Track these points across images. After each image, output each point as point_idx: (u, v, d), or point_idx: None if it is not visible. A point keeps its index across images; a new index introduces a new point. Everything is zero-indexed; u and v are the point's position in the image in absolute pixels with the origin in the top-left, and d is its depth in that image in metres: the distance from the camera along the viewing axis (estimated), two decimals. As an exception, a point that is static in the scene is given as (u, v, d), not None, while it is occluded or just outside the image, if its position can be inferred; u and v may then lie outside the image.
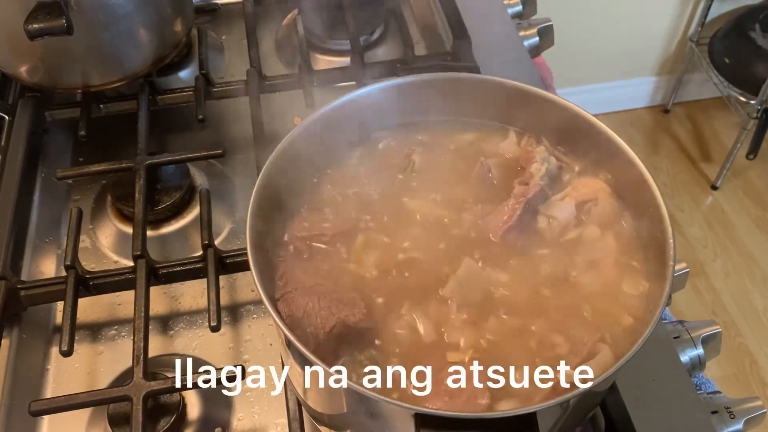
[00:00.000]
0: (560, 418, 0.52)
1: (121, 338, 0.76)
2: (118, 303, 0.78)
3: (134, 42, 0.86)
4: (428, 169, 0.65)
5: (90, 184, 0.88)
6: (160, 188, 0.84)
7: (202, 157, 0.83)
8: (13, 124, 0.87)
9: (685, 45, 2.50)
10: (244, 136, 0.89)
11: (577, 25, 2.24)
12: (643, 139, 2.63)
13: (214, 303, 0.69)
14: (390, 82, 0.65)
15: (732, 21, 2.37)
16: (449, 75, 0.67)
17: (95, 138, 0.87)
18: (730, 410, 0.69)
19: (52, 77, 0.86)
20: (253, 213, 0.55)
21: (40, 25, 0.73)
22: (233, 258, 0.74)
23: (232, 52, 1.04)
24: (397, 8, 1.01)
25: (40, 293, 0.73)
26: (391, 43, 1.04)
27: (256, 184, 0.56)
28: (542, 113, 0.65)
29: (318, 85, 0.90)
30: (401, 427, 0.49)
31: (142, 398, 0.63)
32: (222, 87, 0.93)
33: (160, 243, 0.83)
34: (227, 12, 1.07)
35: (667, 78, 2.63)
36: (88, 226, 0.84)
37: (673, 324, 0.75)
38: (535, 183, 0.61)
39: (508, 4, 1.08)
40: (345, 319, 0.53)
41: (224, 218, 0.85)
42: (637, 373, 0.67)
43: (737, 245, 2.31)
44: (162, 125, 0.92)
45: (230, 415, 0.70)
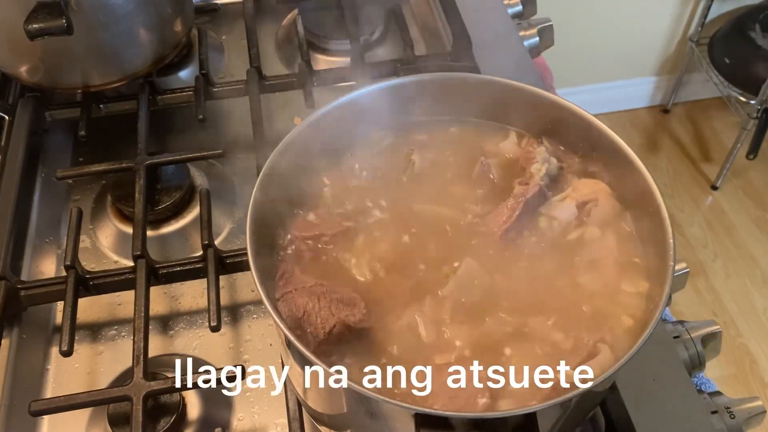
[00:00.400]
0: (560, 418, 0.52)
1: (121, 338, 0.76)
2: (118, 303, 0.78)
3: (134, 42, 0.86)
4: (428, 169, 0.65)
5: (90, 184, 0.88)
6: (160, 188, 0.84)
7: (202, 157, 0.83)
8: (13, 124, 0.87)
9: (685, 45, 2.50)
10: (244, 136, 0.89)
11: (577, 25, 2.24)
12: (643, 139, 2.63)
13: (214, 303, 0.69)
14: (390, 82, 0.65)
15: (732, 21, 2.37)
16: (449, 75, 0.67)
17: (95, 138, 0.87)
18: (730, 410, 0.69)
19: (52, 77, 0.86)
20: (253, 213, 0.55)
21: (40, 25, 0.73)
22: (233, 258, 0.74)
23: (232, 52, 1.04)
24: (397, 8, 1.01)
25: (40, 293, 0.73)
26: (391, 43, 1.04)
27: (256, 185, 0.56)
28: (542, 113, 0.65)
29: (318, 85, 0.90)
30: (401, 427, 0.49)
31: (142, 398, 0.63)
32: (222, 87, 0.93)
33: (160, 243, 0.83)
34: (227, 12, 1.07)
35: (667, 78, 2.63)
36: (88, 226, 0.84)
37: (673, 324, 0.75)
38: (535, 183, 0.61)
39: (508, 4, 1.08)
40: (345, 319, 0.53)
41: (224, 218, 0.85)
42: (637, 373, 0.67)
43: (737, 245, 2.31)
44: (162, 125, 0.92)
45: (230, 415, 0.70)
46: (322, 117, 0.62)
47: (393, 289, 0.57)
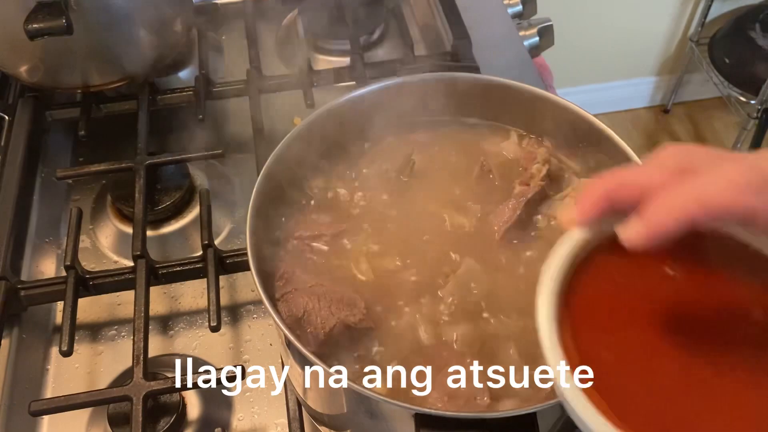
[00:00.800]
0: (560, 418, 0.52)
1: (121, 338, 0.76)
2: (118, 303, 0.78)
3: (134, 42, 0.86)
4: (429, 169, 0.65)
5: (90, 184, 0.88)
6: (160, 188, 0.84)
7: (202, 157, 0.83)
8: (13, 124, 0.87)
9: (685, 45, 2.50)
10: (244, 136, 0.89)
11: (577, 25, 2.24)
12: (643, 139, 2.63)
13: (214, 303, 0.69)
14: (390, 82, 0.65)
15: (732, 21, 2.37)
16: (449, 75, 0.67)
17: (95, 138, 0.88)
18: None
19: (52, 77, 0.86)
20: (253, 213, 0.55)
21: (40, 25, 0.73)
22: (233, 258, 0.74)
23: (232, 52, 1.04)
24: (397, 8, 1.01)
25: (40, 293, 0.73)
26: (391, 43, 1.04)
27: (256, 184, 0.56)
28: (542, 113, 0.65)
29: (318, 85, 0.90)
30: (401, 428, 0.49)
31: (142, 398, 0.63)
32: (222, 87, 0.93)
33: (160, 243, 0.82)
34: (227, 12, 1.07)
35: (667, 78, 2.63)
36: (88, 226, 0.84)
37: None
38: (536, 183, 0.61)
39: (508, 4, 1.08)
40: (345, 319, 0.53)
41: (224, 218, 0.85)
42: (638, 373, 0.67)
43: (737, 245, 2.30)
44: (162, 125, 0.92)
45: (230, 415, 0.70)
46: (322, 117, 0.62)
47: (393, 289, 0.57)
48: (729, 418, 0.35)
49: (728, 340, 0.37)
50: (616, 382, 0.36)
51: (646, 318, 0.38)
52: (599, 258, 0.40)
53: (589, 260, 0.40)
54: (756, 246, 0.39)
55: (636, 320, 0.38)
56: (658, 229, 0.36)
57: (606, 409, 0.34)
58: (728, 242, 0.39)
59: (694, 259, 0.40)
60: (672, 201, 0.36)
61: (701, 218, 0.35)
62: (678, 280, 0.39)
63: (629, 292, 0.40)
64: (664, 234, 0.36)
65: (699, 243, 0.39)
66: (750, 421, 0.35)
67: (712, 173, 0.36)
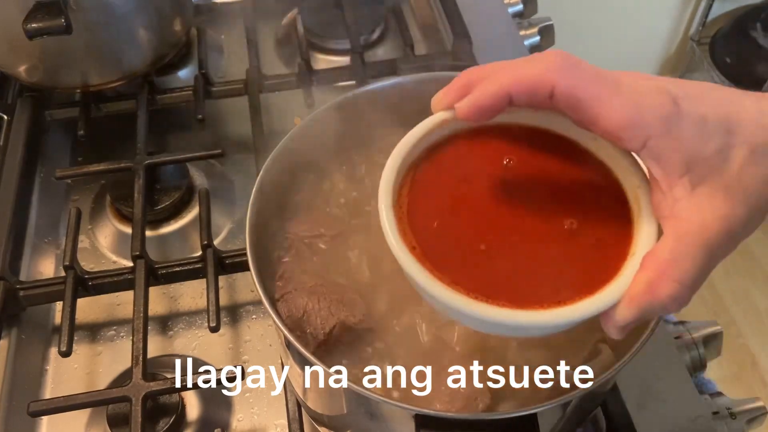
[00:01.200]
0: (561, 418, 0.52)
1: (120, 339, 0.75)
2: (117, 303, 0.78)
3: (133, 41, 0.86)
4: (428, 168, 0.65)
5: (89, 184, 0.88)
6: (159, 188, 0.83)
7: (202, 157, 0.83)
8: (12, 124, 0.87)
9: (686, 44, 2.50)
10: (244, 136, 0.89)
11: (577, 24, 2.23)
12: (644, 138, 2.62)
13: (213, 303, 0.69)
14: (391, 82, 0.65)
15: (733, 20, 2.36)
16: (449, 75, 0.67)
17: (94, 138, 0.87)
18: (731, 411, 0.69)
19: (51, 77, 0.86)
20: (253, 213, 0.55)
21: (39, 24, 0.73)
22: (233, 258, 0.74)
23: (232, 52, 1.04)
24: (397, 8, 1.01)
25: (39, 293, 0.73)
26: (391, 42, 1.04)
27: (256, 184, 0.56)
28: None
29: (318, 84, 0.90)
30: (401, 428, 0.49)
31: (142, 399, 0.63)
32: (221, 87, 0.92)
33: (159, 243, 0.82)
34: (227, 11, 1.07)
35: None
36: (87, 226, 0.84)
37: (674, 324, 0.75)
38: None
39: (509, 4, 1.07)
40: (345, 319, 0.53)
41: (224, 218, 0.85)
42: (638, 373, 0.67)
43: (738, 245, 2.30)
44: (161, 125, 0.92)
45: (230, 416, 0.70)
46: (322, 117, 0.62)
47: (393, 290, 0.57)
48: (524, 257, 0.42)
49: (540, 208, 0.44)
50: (437, 245, 0.42)
51: (475, 191, 0.45)
52: (453, 145, 0.47)
53: (447, 144, 0.47)
54: (583, 144, 0.46)
55: (464, 194, 0.45)
56: (479, 101, 0.41)
57: (431, 268, 0.41)
58: (562, 140, 0.46)
59: (533, 152, 0.46)
60: (495, 77, 0.41)
61: (515, 91, 0.40)
62: (510, 166, 0.46)
63: (465, 171, 0.46)
64: (486, 105, 0.41)
65: (541, 141, 0.46)
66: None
67: (537, 59, 0.41)
